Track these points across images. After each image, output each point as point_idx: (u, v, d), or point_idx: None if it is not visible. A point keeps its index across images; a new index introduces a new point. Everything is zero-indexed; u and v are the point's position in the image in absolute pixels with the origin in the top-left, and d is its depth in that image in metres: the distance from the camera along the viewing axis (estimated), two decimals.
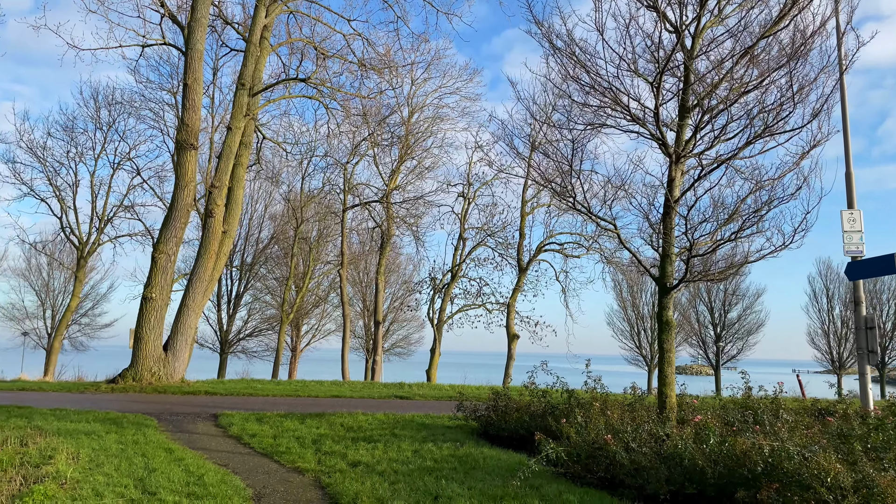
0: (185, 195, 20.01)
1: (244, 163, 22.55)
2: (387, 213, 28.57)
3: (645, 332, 49.83)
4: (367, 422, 12.65)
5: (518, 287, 29.19)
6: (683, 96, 8.81)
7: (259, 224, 40.70)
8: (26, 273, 45.18)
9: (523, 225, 29.46)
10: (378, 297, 30.10)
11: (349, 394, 18.32)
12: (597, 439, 7.76)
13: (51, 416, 12.87)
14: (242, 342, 41.52)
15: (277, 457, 9.91)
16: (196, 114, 20.29)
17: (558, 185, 9.40)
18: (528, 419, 10.05)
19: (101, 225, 34.69)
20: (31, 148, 32.57)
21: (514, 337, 28.49)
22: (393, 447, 10.01)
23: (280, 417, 13.12)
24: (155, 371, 19.20)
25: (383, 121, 27.14)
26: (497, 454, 9.30)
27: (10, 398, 16.10)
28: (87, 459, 9.19)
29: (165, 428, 12.42)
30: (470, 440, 10.48)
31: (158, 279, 19.56)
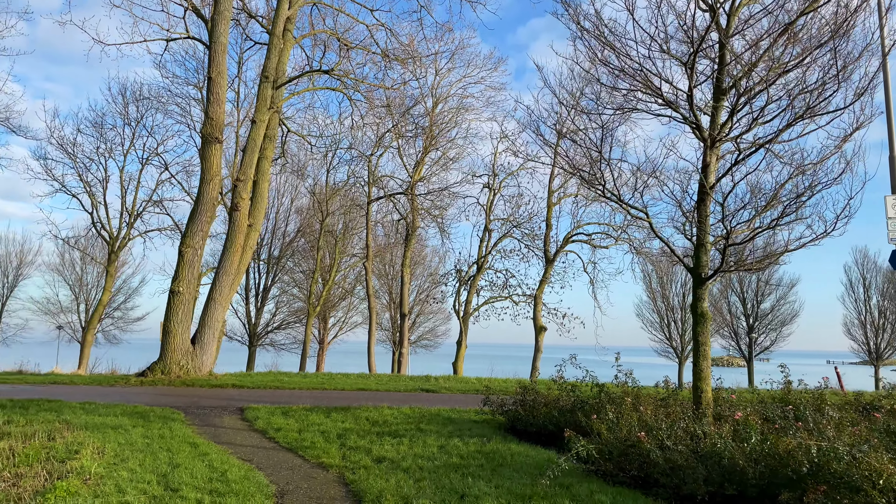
0: (210, 189, 20.02)
1: (269, 156, 22.51)
2: (411, 205, 28.36)
3: (675, 324, 48.99)
4: (392, 416, 12.48)
5: (545, 278, 28.79)
6: (719, 77, 8.39)
7: (285, 218, 40.89)
8: (60, 268, 46.07)
9: (550, 215, 29.03)
10: (404, 290, 29.96)
11: (375, 387, 18.20)
12: (629, 436, 7.44)
13: (79, 410, 12.92)
14: (270, 335, 41.81)
15: (302, 452, 9.78)
16: (220, 107, 20.26)
17: (587, 173, 9.05)
18: (557, 414, 9.77)
19: (130, 220, 35.10)
20: (61, 144, 33.04)
21: (542, 329, 28.12)
22: (418, 442, 9.81)
23: (305, 411, 13.02)
24: (183, 364, 19.30)
25: (407, 112, 26.89)
26: (525, 451, 9.04)
27: (41, 391, 16.28)
28: (113, 454, 9.16)
29: (192, 421, 12.39)
30: (497, 436, 10.24)
31: (185, 273, 19.63)
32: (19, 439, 9.98)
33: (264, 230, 40.10)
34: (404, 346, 30.09)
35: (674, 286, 49.26)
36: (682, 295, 49.09)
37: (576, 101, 9.80)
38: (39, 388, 17.12)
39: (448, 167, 29.81)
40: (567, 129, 9.78)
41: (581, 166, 9.30)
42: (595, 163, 8.70)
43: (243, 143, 22.09)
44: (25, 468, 8.44)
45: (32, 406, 13.21)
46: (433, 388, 18.12)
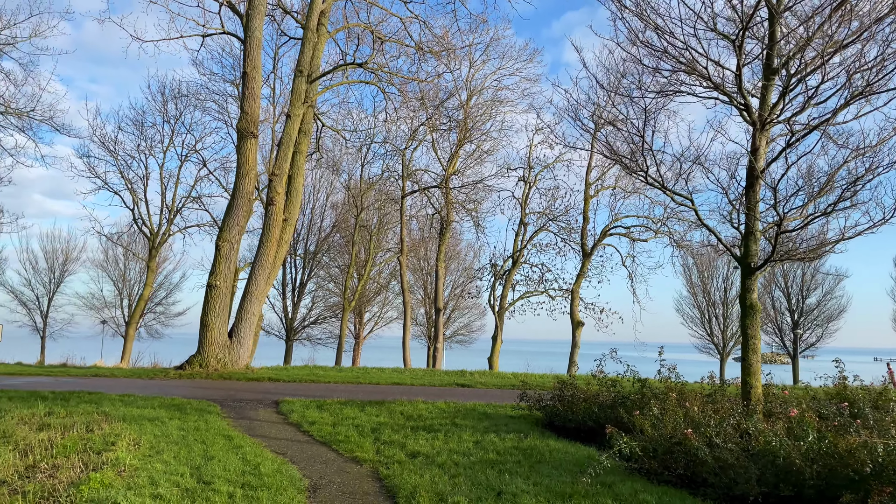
0: (246, 183, 20.10)
1: (304, 150, 22.52)
2: (446, 198, 28.13)
3: (717, 319, 47.78)
4: (427, 410, 12.28)
5: (582, 273, 28.28)
6: (769, 54, 7.93)
7: (321, 213, 41.11)
8: (104, 264, 47.17)
9: (587, 208, 28.47)
10: (438, 285, 29.78)
11: (410, 381, 18.05)
12: (675, 433, 7.08)
13: (118, 402, 13.04)
14: (307, 329, 42.12)
15: (336, 445, 9.64)
16: (255, 102, 20.32)
17: (628, 160, 8.66)
18: (597, 410, 9.43)
19: (170, 216, 35.67)
20: (103, 142, 33.72)
21: (579, 324, 27.63)
22: (453, 437, 9.59)
23: (340, 405, 12.92)
24: (220, 358, 19.44)
25: (441, 104, 26.66)
26: (564, 447, 8.73)
27: (83, 384, 16.54)
28: (148, 446, 9.15)
29: (227, 414, 12.39)
30: (534, 431, 9.95)
31: (222, 267, 19.76)
32: (59, 430, 10.09)
33: (300, 225, 40.38)
34: (439, 341, 29.92)
35: (715, 280, 48.05)
36: (724, 289, 47.86)
37: (616, 85, 9.42)
38: (81, 381, 17.43)
39: (482, 160, 29.54)
40: (607, 114, 9.39)
41: (622, 153, 8.91)
42: (637, 149, 8.31)
43: (279, 139, 22.15)
44: (63, 459, 8.48)
45: (73, 398, 13.40)
46: (468, 383, 17.89)
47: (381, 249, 38.90)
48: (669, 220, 28.06)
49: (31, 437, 9.67)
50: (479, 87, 29.12)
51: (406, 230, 30.64)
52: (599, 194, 28.85)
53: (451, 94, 27.42)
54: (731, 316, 47.93)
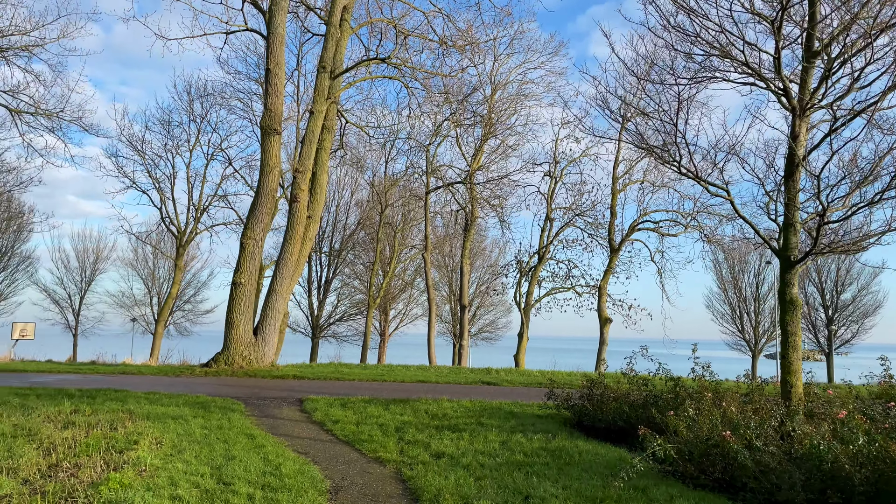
0: (270, 181, 20.06)
1: (327, 147, 22.42)
2: (470, 194, 27.84)
3: (748, 315, 46.79)
4: (452, 409, 12.04)
5: (610, 268, 27.77)
6: (809, 35, 7.50)
7: (346, 210, 41.11)
8: (134, 263, 47.82)
9: (614, 203, 27.94)
10: (463, 281, 29.51)
11: (435, 379, 17.84)
12: (711, 435, 6.74)
13: (144, 400, 13.03)
14: (333, 327, 42.20)
15: (359, 445, 9.45)
16: (279, 99, 20.26)
17: (660, 150, 8.30)
18: (628, 410, 9.09)
19: (197, 214, 35.93)
20: (130, 142, 34.08)
21: (607, 321, 27.14)
22: (479, 437, 9.33)
23: (364, 403, 12.75)
24: (246, 355, 19.43)
25: (465, 99, 26.35)
26: (594, 448, 8.42)
27: (111, 381, 16.62)
28: (171, 445, 9.06)
29: (251, 412, 12.30)
30: (562, 431, 9.65)
31: (247, 264, 19.74)
32: (83, 429, 10.06)
33: (325, 223, 40.42)
34: (464, 339, 29.67)
35: (746, 276, 47.05)
36: (756, 285, 46.87)
37: (647, 72, 9.04)
38: (109, 378, 17.52)
39: (507, 155, 29.16)
40: (638, 102, 9.03)
41: (652, 142, 8.54)
42: (670, 138, 7.94)
43: (303, 136, 22.09)
44: (85, 458, 8.42)
45: (100, 395, 13.42)
46: (494, 381, 17.62)
47: (406, 246, 38.78)
48: (699, 215, 27.44)
49: (55, 435, 9.64)
50: (504, 82, 28.79)
51: (430, 227, 30.42)
52: (627, 189, 28.32)
53: (474, 88, 27.12)
54: (763, 312, 46.90)
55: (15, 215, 42.27)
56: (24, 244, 44.76)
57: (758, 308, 46.87)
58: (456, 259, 44.53)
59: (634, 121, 8.85)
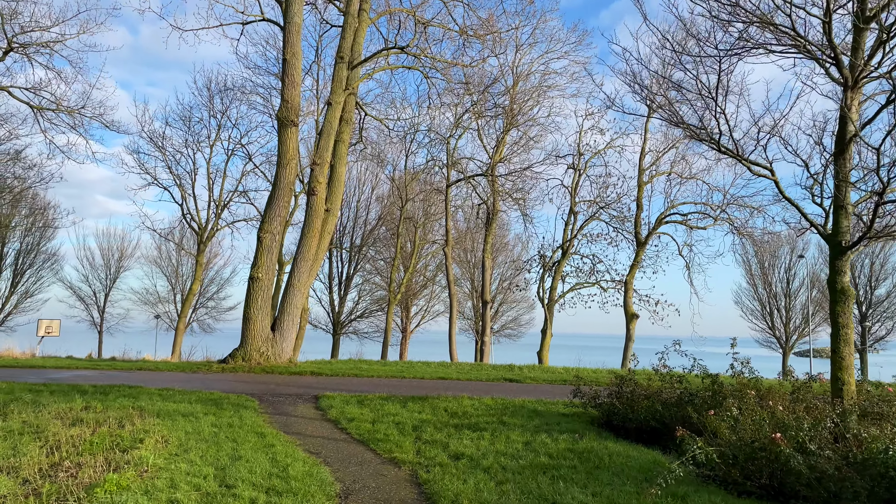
0: (287, 173, 19.66)
1: (346, 139, 21.97)
2: (492, 187, 27.20)
3: (778, 312, 45.47)
4: (472, 407, 11.50)
5: (636, 263, 26.96)
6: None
7: (366, 206, 40.73)
8: (158, 260, 48.03)
9: (640, 195, 27.12)
10: (485, 277, 28.90)
11: (456, 376, 17.30)
12: (757, 437, 6.09)
13: (156, 396, 12.71)
14: (354, 323, 41.85)
15: (374, 445, 8.95)
16: (296, 89, 19.85)
17: (696, 128, 7.63)
18: (661, 409, 8.45)
19: (218, 210, 35.79)
20: (151, 138, 34.02)
21: (633, 316, 26.34)
22: (501, 437, 8.77)
23: (381, 400, 12.26)
24: (263, 351, 19.08)
25: (487, 89, 25.71)
26: (625, 450, 7.81)
27: (126, 378, 16.37)
28: (177, 444, 8.65)
29: (265, 410, 11.88)
30: (590, 431, 9.04)
31: (264, 259, 19.38)
32: (91, 426, 9.72)
33: (346, 218, 40.10)
34: (486, 335, 29.06)
35: (776, 271, 45.75)
36: (787, 280, 45.54)
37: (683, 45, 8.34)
38: (125, 375, 17.28)
39: (529, 148, 28.46)
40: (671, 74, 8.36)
41: (689, 120, 7.86)
42: (708, 112, 7.26)
43: (320, 128, 21.67)
44: (88, 457, 8.05)
45: (113, 392, 13.13)
46: (517, 378, 17.03)
47: (427, 242, 38.26)
48: (729, 207, 26.53)
49: (62, 432, 9.30)
50: (526, 72, 28.09)
51: (451, 221, 29.84)
52: (654, 180, 27.48)
53: (496, 79, 26.47)
54: (794, 308, 45.60)
55: (37, 210, 42.60)
56: (49, 242, 45.11)
57: (788, 304, 45.57)
58: (478, 255, 43.92)
59: (668, 97, 8.17)
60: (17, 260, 43.97)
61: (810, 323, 44.60)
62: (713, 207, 26.75)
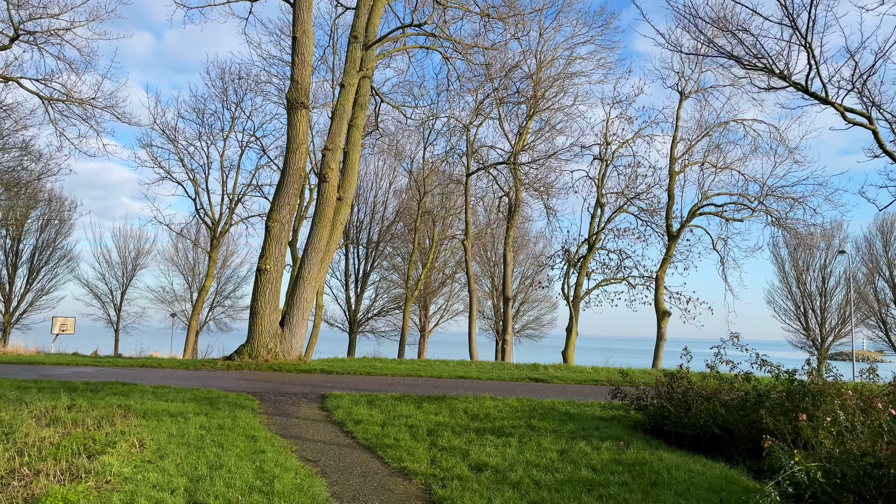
0: (296, 159, 18.50)
1: (360, 125, 20.76)
2: (514, 175, 25.81)
3: (813, 312, 43.37)
4: (496, 408, 10.19)
5: (668, 257, 25.40)
6: None
7: (384, 202, 39.57)
8: (174, 258, 47.44)
9: (672, 185, 25.56)
10: (507, 272, 27.52)
11: (476, 375, 15.98)
12: (874, 450, 4.70)
13: (149, 394, 11.62)
14: (371, 322, 40.71)
15: (382, 452, 7.68)
16: (306, 69, 18.68)
17: (771, 58, 6.21)
18: (725, 412, 7.06)
19: (231, 205, 34.87)
20: (164, 130, 33.16)
21: (665, 314, 24.78)
22: (531, 445, 7.44)
23: (394, 400, 11.00)
24: (271, 347, 17.92)
25: (509, 73, 24.36)
26: (684, 462, 6.44)
27: (125, 375, 15.36)
28: (154, 449, 7.47)
29: (264, 410, 10.68)
30: (636, 438, 7.68)
31: (272, 250, 18.23)
32: (68, 426, 8.64)
33: (362, 213, 39.00)
34: (508, 333, 27.66)
35: (812, 270, 43.66)
36: (822, 279, 43.45)
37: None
38: (126, 371, 16.27)
39: (554, 136, 27.02)
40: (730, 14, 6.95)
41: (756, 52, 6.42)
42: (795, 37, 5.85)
43: (332, 111, 20.48)
44: (51, 462, 6.94)
45: (105, 389, 12.09)
46: (543, 378, 15.66)
47: (447, 237, 36.98)
48: (767, 198, 24.91)
49: (33, 434, 8.21)
50: (550, 57, 26.67)
51: (471, 211, 28.47)
52: (686, 170, 25.91)
53: (517, 63, 25.10)
54: (830, 308, 43.52)
55: (53, 206, 42.08)
56: (65, 238, 44.61)
57: (824, 304, 43.48)
58: (497, 253, 42.57)
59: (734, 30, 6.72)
60: (32, 257, 43.54)
61: (847, 324, 42.54)
62: (750, 199, 25.13)
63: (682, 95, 26.32)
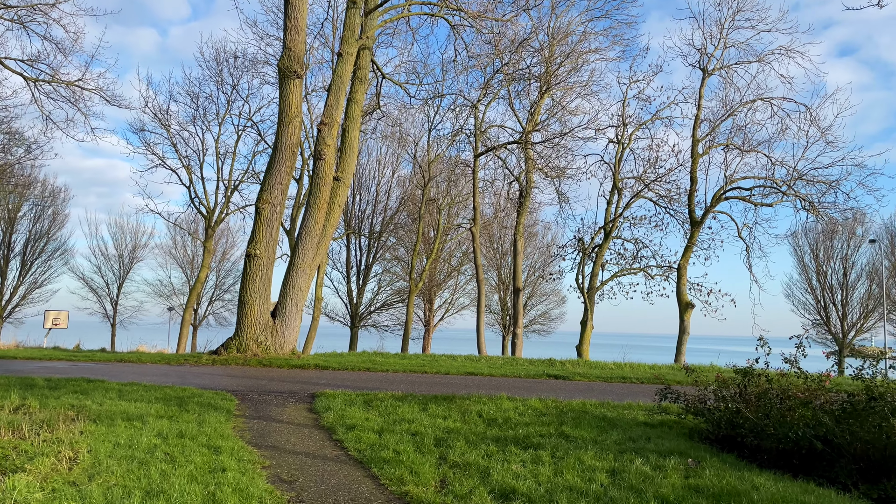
0: (289, 133, 16.82)
1: (359, 100, 19.07)
2: (525, 155, 24.06)
3: (834, 306, 41.50)
4: (516, 411, 8.55)
5: (690, 244, 23.65)
6: None
7: (387, 191, 37.86)
8: (172, 251, 45.97)
9: (695, 168, 23.78)
10: (517, 261, 25.81)
11: (487, 371, 14.33)
12: None
13: (114, 393, 10.09)
14: (373, 315, 39.07)
15: (378, 469, 6.04)
16: (300, 35, 16.99)
17: None
18: (830, 421, 5.38)
19: (227, 192, 33.21)
20: (155, 114, 31.49)
21: (688, 306, 23.04)
22: (569, 462, 5.77)
23: (395, 401, 9.37)
24: (261, 341, 16.30)
25: (519, 48, 22.60)
26: (786, 490, 4.75)
27: (97, 370, 13.84)
28: (88, 465, 5.89)
29: (242, 412, 9.07)
30: (702, 452, 6.00)
31: (263, 233, 16.58)
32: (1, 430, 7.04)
33: (364, 202, 37.34)
34: (518, 327, 25.97)
35: (833, 262, 41.78)
36: (843, 272, 41.59)
37: None
38: (100, 367, 14.74)
39: (567, 119, 25.24)
40: None
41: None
42: None
43: (329, 83, 18.82)
44: None
45: (67, 387, 10.55)
46: (562, 374, 14.00)
47: (452, 227, 35.26)
48: (797, 183, 23.13)
49: None
50: (564, 33, 24.93)
51: (478, 195, 26.68)
52: (710, 152, 24.13)
53: (528, 38, 23.33)
54: (851, 302, 41.66)
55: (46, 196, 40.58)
56: (59, 230, 43.04)
57: (845, 297, 41.61)
58: (505, 245, 40.88)
59: None
60: (25, 248, 42.02)
61: (869, 318, 40.74)
62: (778, 183, 23.35)
63: (705, 73, 24.55)
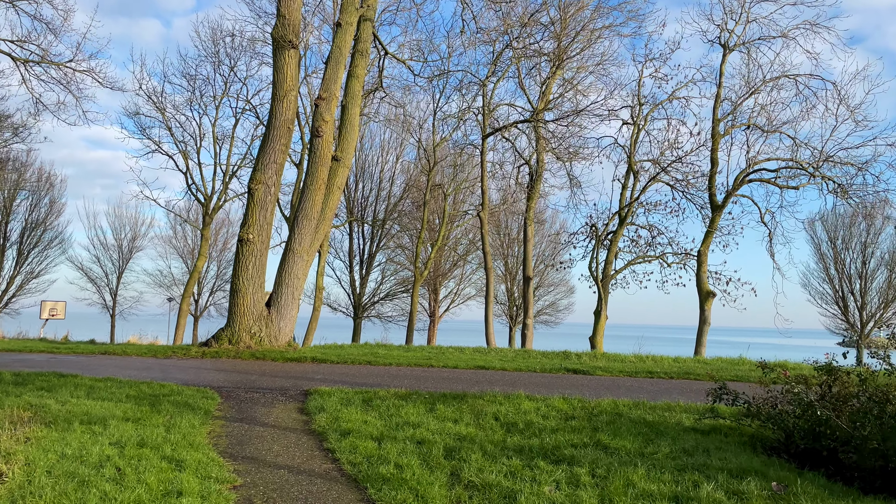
0: (284, 108, 15.59)
1: (360, 75, 17.81)
2: (536, 133, 22.76)
3: (853, 296, 40.12)
4: (538, 413, 7.36)
5: (711, 230, 22.34)
6: None
7: (390, 177, 36.59)
8: (172, 240, 44.96)
9: (716, 150, 22.43)
10: (528, 248, 24.57)
11: (499, 365, 13.12)
12: None
13: (82, 390, 8.99)
14: (377, 306, 37.92)
15: (375, 490, 4.85)
16: (295, 2, 15.74)
17: None
18: None
19: (225, 178, 32.03)
20: (150, 97, 30.27)
21: (709, 295, 21.78)
22: (616, 484, 4.56)
23: (398, 399, 8.20)
24: (255, 332, 15.14)
25: (529, 21, 21.28)
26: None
27: (75, 363, 12.76)
28: (15, 485, 4.78)
29: (223, 412, 7.91)
30: (782, 471, 4.79)
31: (256, 216, 15.38)
32: None
33: (367, 189, 36.11)
34: (529, 317, 24.75)
35: (851, 251, 40.37)
36: (861, 261, 40.18)
37: None
38: (80, 360, 13.66)
39: (580, 99, 23.91)
40: None
41: None
42: None
43: (327, 56, 17.59)
44: None
45: (35, 382, 9.51)
46: (581, 369, 12.77)
47: (458, 213, 34.00)
48: (824, 165, 21.80)
49: None
50: (577, 6, 23.58)
51: (486, 178, 25.37)
52: (731, 132, 22.81)
53: (539, 8, 21.98)
54: (870, 292, 40.31)
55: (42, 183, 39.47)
56: (56, 218, 41.92)
57: (864, 287, 40.22)
58: (511, 234, 39.63)
59: None
60: (21, 237, 40.94)
61: (889, 308, 39.37)
62: (804, 165, 22.00)
63: (726, 49, 23.18)
